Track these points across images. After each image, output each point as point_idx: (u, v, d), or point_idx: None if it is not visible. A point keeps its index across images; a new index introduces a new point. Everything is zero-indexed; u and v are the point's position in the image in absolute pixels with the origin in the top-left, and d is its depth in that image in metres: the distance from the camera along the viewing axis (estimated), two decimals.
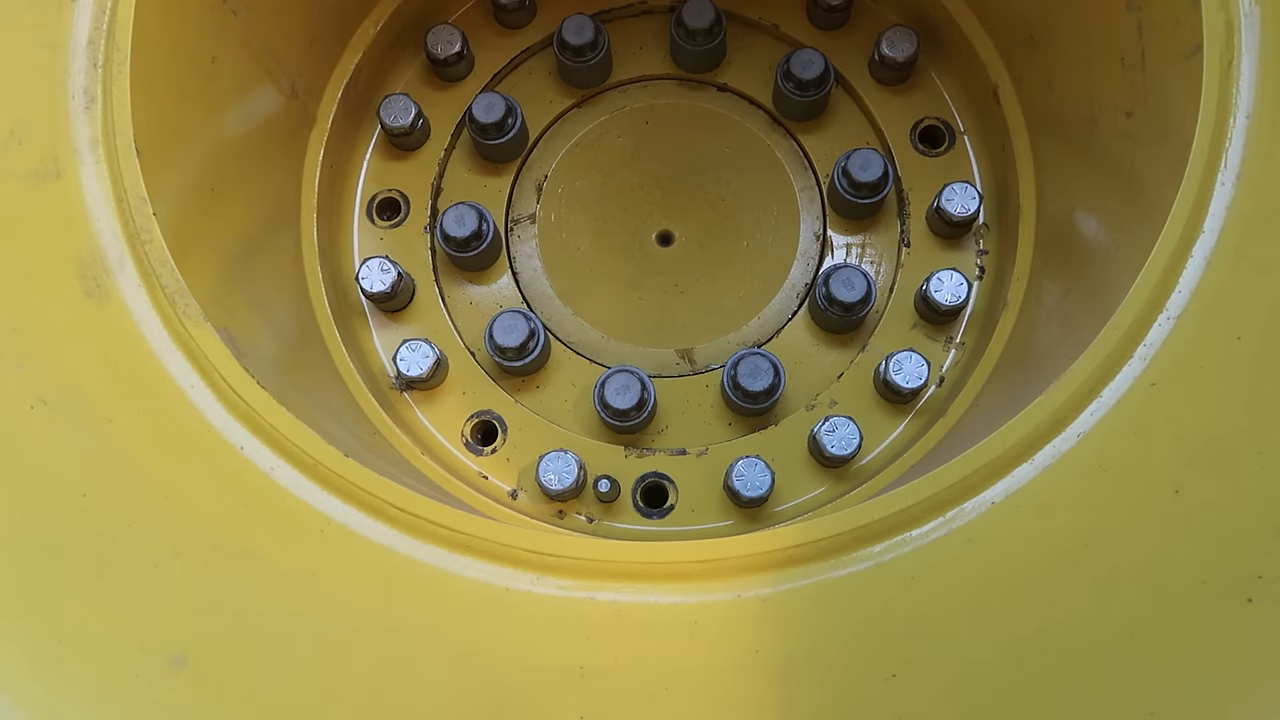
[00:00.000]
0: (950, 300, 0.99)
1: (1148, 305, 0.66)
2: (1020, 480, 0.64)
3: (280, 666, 0.61)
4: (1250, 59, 0.70)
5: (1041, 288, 0.96)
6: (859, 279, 0.99)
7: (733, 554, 0.63)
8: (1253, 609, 0.59)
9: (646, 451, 1.00)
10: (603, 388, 0.97)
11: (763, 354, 0.98)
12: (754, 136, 1.10)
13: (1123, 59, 0.82)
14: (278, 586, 0.63)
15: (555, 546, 0.64)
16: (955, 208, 1.00)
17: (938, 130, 1.08)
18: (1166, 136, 0.74)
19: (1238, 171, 0.68)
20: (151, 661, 0.60)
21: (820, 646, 0.61)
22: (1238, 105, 0.69)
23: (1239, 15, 0.71)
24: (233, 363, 0.68)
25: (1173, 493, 0.62)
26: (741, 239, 1.08)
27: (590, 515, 0.98)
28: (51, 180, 0.72)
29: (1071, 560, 0.61)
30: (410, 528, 0.64)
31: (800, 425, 1.00)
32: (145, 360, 0.68)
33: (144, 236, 0.71)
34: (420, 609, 0.62)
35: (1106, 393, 0.65)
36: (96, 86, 0.74)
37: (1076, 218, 0.93)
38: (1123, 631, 0.59)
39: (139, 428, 0.66)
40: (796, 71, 1.04)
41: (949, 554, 0.62)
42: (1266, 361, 0.64)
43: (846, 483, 0.98)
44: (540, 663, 0.61)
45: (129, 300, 0.70)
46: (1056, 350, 0.79)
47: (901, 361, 0.96)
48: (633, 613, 0.62)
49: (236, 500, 0.65)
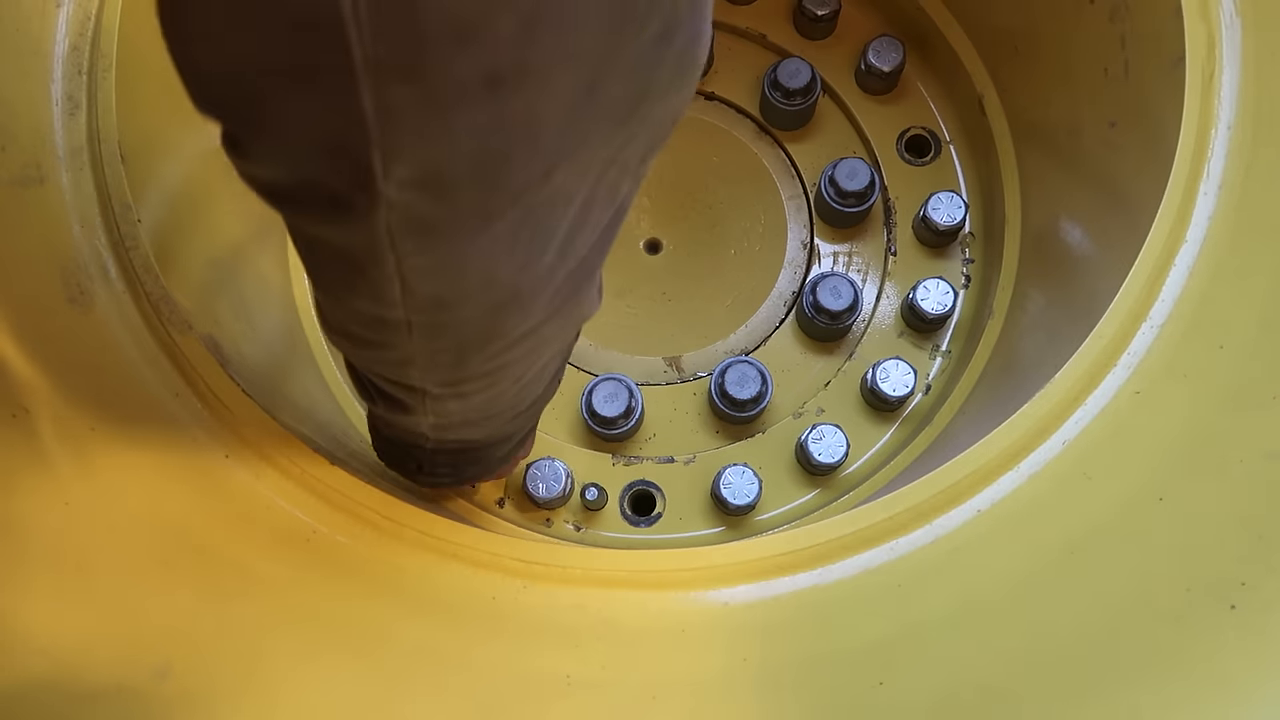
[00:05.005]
0: (936, 309, 0.99)
1: (1131, 314, 0.67)
2: (1006, 488, 0.64)
3: (265, 677, 0.61)
4: (1232, 71, 0.71)
5: (1027, 296, 0.96)
6: (846, 287, 0.99)
7: (720, 562, 0.63)
8: (1236, 615, 0.59)
9: (634, 459, 1.00)
10: (590, 395, 0.97)
11: (750, 362, 0.98)
12: (741, 145, 1.10)
13: (1106, 70, 0.83)
14: (263, 595, 0.62)
15: (542, 555, 0.64)
16: (941, 217, 1.01)
17: (924, 140, 1.08)
18: (1149, 147, 0.75)
19: (1220, 181, 0.69)
20: (135, 673, 0.60)
21: (808, 654, 0.61)
22: (1219, 116, 0.70)
23: (1220, 27, 0.71)
24: (218, 370, 0.68)
25: (1157, 500, 0.62)
26: (729, 247, 1.08)
27: (578, 523, 0.98)
28: (35, 187, 0.71)
29: (1056, 567, 0.62)
30: (397, 536, 0.64)
31: (787, 433, 1.00)
32: (129, 367, 0.68)
33: (128, 243, 0.70)
34: (407, 617, 0.62)
35: (1091, 401, 0.65)
36: (81, 93, 0.73)
37: (1061, 227, 0.94)
38: (1107, 638, 0.60)
39: (122, 435, 0.66)
40: (783, 81, 1.04)
41: (935, 561, 0.62)
42: (1249, 369, 0.65)
43: (833, 490, 0.98)
44: (527, 671, 0.61)
45: (113, 307, 0.69)
46: (1041, 358, 0.80)
47: (888, 370, 0.97)
48: (620, 621, 0.62)
49: (221, 508, 0.64)
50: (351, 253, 0.39)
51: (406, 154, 0.34)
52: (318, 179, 0.36)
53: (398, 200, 0.36)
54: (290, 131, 0.35)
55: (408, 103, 0.33)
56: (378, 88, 0.32)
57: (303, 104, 0.33)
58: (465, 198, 0.37)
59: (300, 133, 0.34)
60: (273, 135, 0.35)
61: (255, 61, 0.33)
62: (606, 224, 0.45)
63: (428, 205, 0.37)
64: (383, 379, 0.54)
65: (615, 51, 0.35)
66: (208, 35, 0.33)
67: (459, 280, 0.42)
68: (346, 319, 0.47)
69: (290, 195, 0.39)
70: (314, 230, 0.41)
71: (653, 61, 0.36)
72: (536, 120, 0.35)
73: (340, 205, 0.36)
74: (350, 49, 0.30)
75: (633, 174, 0.44)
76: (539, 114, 0.35)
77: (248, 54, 0.32)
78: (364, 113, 0.32)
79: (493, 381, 0.53)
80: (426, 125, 0.34)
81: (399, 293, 0.41)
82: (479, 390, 0.54)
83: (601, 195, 0.42)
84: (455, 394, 0.54)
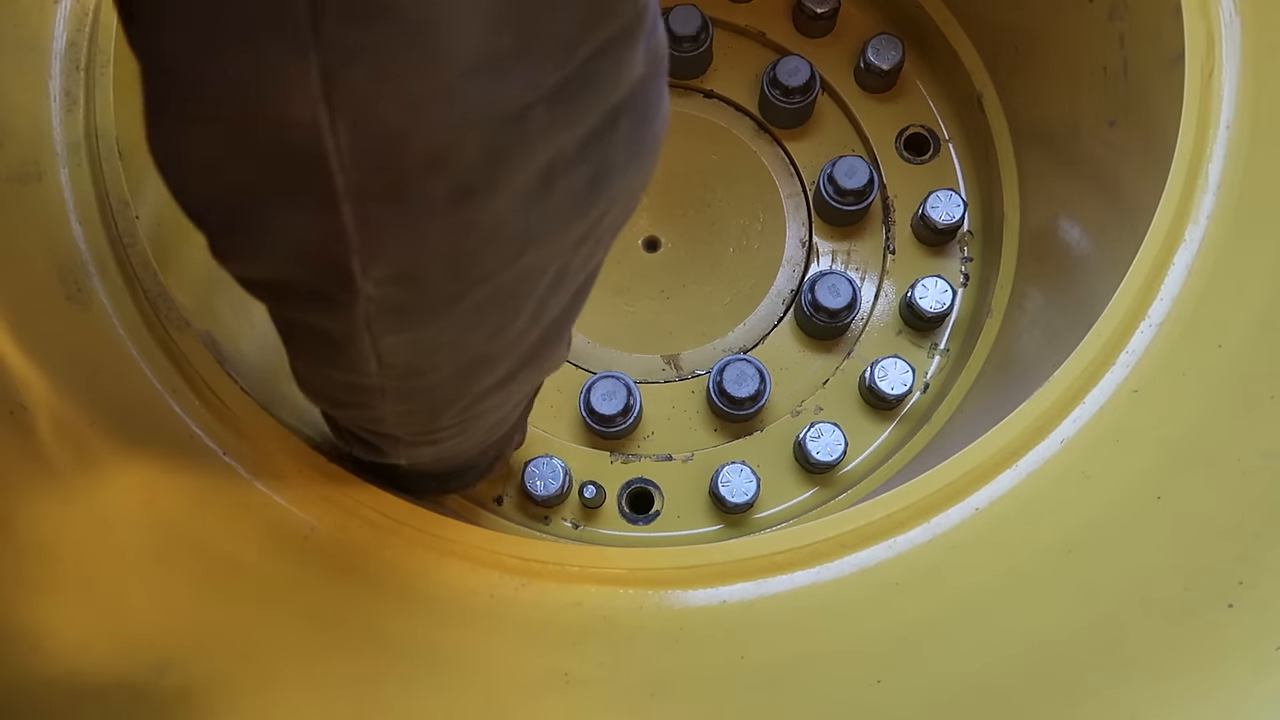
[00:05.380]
0: (935, 307, 0.99)
1: (1130, 312, 0.67)
2: (1004, 486, 0.64)
3: (263, 673, 0.61)
4: (1231, 69, 0.71)
5: (1025, 295, 0.96)
6: (844, 285, 0.99)
7: (718, 560, 0.63)
8: (1233, 614, 0.59)
9: (632, 457, 1.00)
10: (588, 393, 0.97)
11: (748, 360, 0.98)
12: (740, 143, 1.10)
13: (1105, 68, 0.83)
14: (261, 592, 0.62)
15: (541, 552, 0.64)
16: (940, 215, 1.01)
17: (923, 138, 1.08)
18: (1148, 145, 0.75)
19: (1218, 181, 0.69)
20: (134, 669, 0.60)
21: (806, 653, 0.61)
22: (1218, 115, 0.70)
23: (1220, 26, 0.71)
24: (216, 367, 0.68)
25: (1155, 499, 0.62)
26: (727, 245, 1.08)
27: (576, 521, 0.98)
28: (33, 183, 0.71)
29: (1054, 566, 0.62)
30: (395, 533, 0.64)
31: (785, 431, 1.00)
32: (127, 365, 0.68)
33: (126, 240, 0.70)
34: (405, 615, 0.62)
35: (1089, 399, 0.65)
36: (79, 89, 0.73)
37: (1060, 225, 0.94)
38: (1105, 637, 0.60)
39: (120, 433, 0.66)
40: (782, 78, 1.04)
41: (933, 560, 0.62)
42: (1247, 368, 0.65)
43: (831, 488, 0.98)
44: (525, 669, 0.61)
45: (111, 304, 0.69)
46: (1040, 357, 0.80)
47: (886, 368, 0.97)
48: (618, 619, 0.62)
49: (219, 506, 0.64)
50: (330, 334, 0.42)
51: (384, 258, 0.37)
52: (300, 279, 0.38)
53: (375, 294, 0.38)
54: (275, 243, 0.37)
55: (384, 218, 0.35)
56: (357, 207, 0.34)
57: (288, 221, 0.35)
58: (438, 288, 0.39)
59: (285, 244, 0.37)
60: (258, 246, 0.37)
61: (244, 187, 0.35)
62: (579, 287, 0.47)
63: (403, 296, 0.39)
64: (358, 428, 0.57)
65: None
66: (198, 161, 0.35)
67: (432, 352, 0.44)
68: (323, 385, 0.50)
69: (272, 290, 0.41)
70: (293, 315, 0.43)
71: (605, 145, 0.38)
72: (501, 218, 0.37)
73: (321, 299, 0.39)
74: (332, 177, 0.33)
75: (605, 245, 0.46)
76: (503, 213, 0.37)
77: (236, 180, 0.35)
78: (345, 228, 0.34)
79: (464, 429, 0.56)
80: (402, 234, 0.36)
81: (374, 366, 0.43)
82: (450, 437, 0.56)
83: (576, 264, 0.44)
84: (428, 441, 0.56)
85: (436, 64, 0.31)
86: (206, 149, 0.34)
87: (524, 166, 0.36)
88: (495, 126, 0.34)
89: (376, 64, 0.31)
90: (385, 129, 0.32)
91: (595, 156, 0.38)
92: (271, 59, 0.30)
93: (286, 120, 0.31)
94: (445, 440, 0.57)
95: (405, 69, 0.31)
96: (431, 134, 0.33)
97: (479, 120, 0.33)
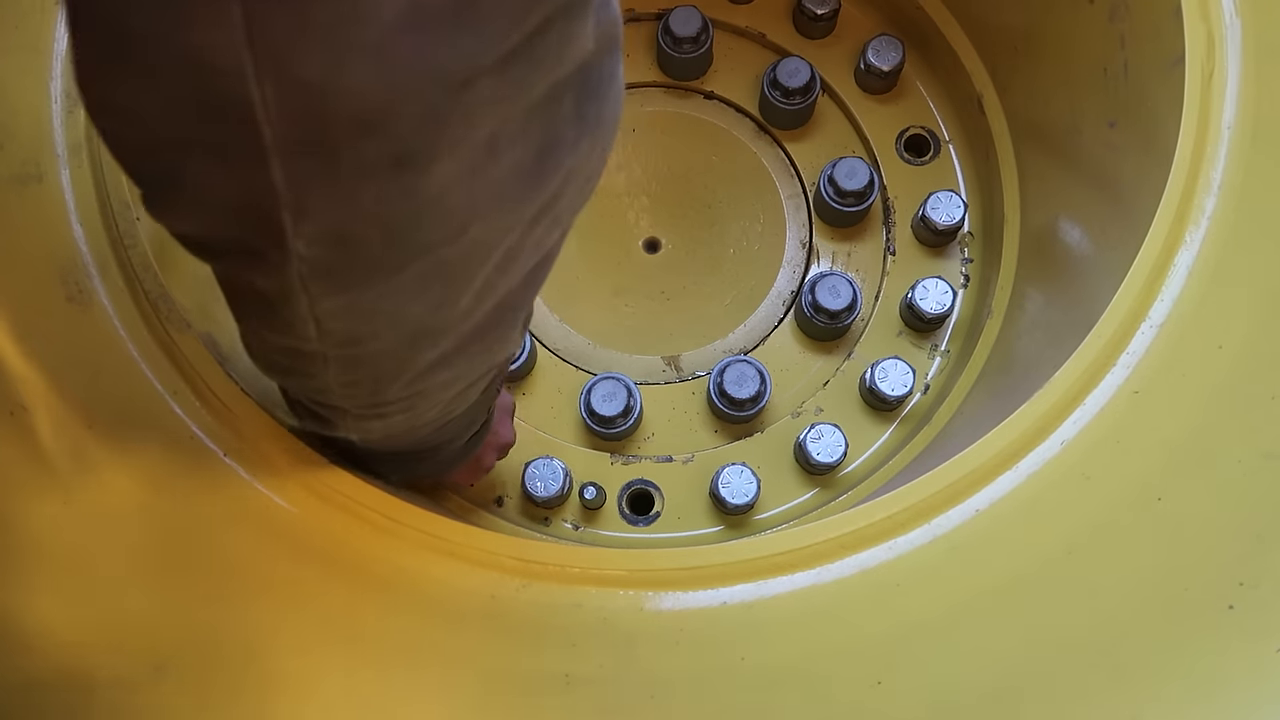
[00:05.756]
0: (935, 308, 0.99)
1: (1130, 314, 0.67)
2: (1004, 488, 0.64)
3: (262, 673, 0.60)
4: (1232, 70, 0.71)
5: (1025, 296, 0.96)
6: (845, 287, 0.99)
7: (719, 561, 0.63)
8: (1234, 615, 0.59)
9: (632, 459, 1.00)
10: (589, 395, 0.97)
11: (749, 361, 0.98)
12: (741, 144, 1.10)
13: (1105, 70, 0.83)
14: (260, 593, 0.62)
15: (541, 554, 0.64)
16: (940, 216, 1.01)
17: (923, 139, 1.09)
18: (1149, 147, 0.75)
19: (1219, 182, 0.69)
20: (132, 668, 0.60)
21: (806, 654, 0.61)
22: (1219, 116, 0.70)
23: (1221, 27, 0.71)
24: (216, 368, 0.68)
25: (1155, 500, 0.62)
26: (728, 246, 1.08)
27: (576, 522, 0.98)
28: (34, 184, 0.71)
29: (1055, 567, 0.62)
30: (395, 534, 0.64)
31: (786, 432, 1.00)
32: (127, 366, 0.68)
33: (127, 241, 0.70)
34: (404, 615, 0.62)
35: (1090, 400, 0.65)
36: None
37: (1060, 226, 0.94)
38: (1106, 639, 0.60)
39: (120, 433, 0.66)
40: (783, 80, 1.04)
41: (933, 561, 0.62)
42: (1248, 370, 0.65)
43: (832, 489, 0.98)
44: (526, 670, 0.61)
45: (112, 305, 0.69)
46: (1040, 358, 0.80)
47: (887, 369, 0.97)
48: (618, 620, 0.62)
49: (219, 507, 0.64)
50: (267, 294, 0.41)
51: (315, 216, 0.36)
52: (232, 235, 0.38)
53: (307, 254, 0.38)
54: (207, 196, 0.36)
55: (314, 175, 0.34)
56: (286, 162, 0.33)
57: (217, 174, 0.35)
58: (374, 253, 0.39)
59: (216, 198, 0.36)
60: (191, 200, 0.37)
61: (175, 139, 0.34)
62: (532, 269, 0.47)
63: (337, 257, 0.39)
64: (307, 399, 0.57)
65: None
66: (128, 112, 0.34)
67: (369, 319, 0.44)
68: (267, 350, 0.49)
69: (207, 247, 0.41)
70: (231, 273, 0.43)
71: (552, 119, 0.38)
72: (444, 188, 0.37)
73: (254, 255, 0.38)
74: (259, 129, 0.32)
75: (563, 226, 0.45)
76: (445, 183, 0.36)
77: (166, 131, 0.34)
78: (274, 183, 0.34)
79: (411, 405, 0.55)
80: (332, 193, 0.35)
81: (313, 330, 0.43)
82: (399, 412, 0.56)
83: (529, 245, 0.44)
84: (376, 415, 0.56)
85: (362, 15, 0.30)
86: (135, 99, 0.33)
87: (468, 136, 0.35)
88: (435, 92, 0.33)
89: (299, 10, 0.30)
90: (307, 80, 0.31)
91: (541, 131, 0.38)
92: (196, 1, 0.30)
93: (212, 67, 0.31)
94: (393, 414, 0.56)
95: (329, 18, 0.30)
96: (360, 91, 0.32)
97: (416, 83, 0.32)
